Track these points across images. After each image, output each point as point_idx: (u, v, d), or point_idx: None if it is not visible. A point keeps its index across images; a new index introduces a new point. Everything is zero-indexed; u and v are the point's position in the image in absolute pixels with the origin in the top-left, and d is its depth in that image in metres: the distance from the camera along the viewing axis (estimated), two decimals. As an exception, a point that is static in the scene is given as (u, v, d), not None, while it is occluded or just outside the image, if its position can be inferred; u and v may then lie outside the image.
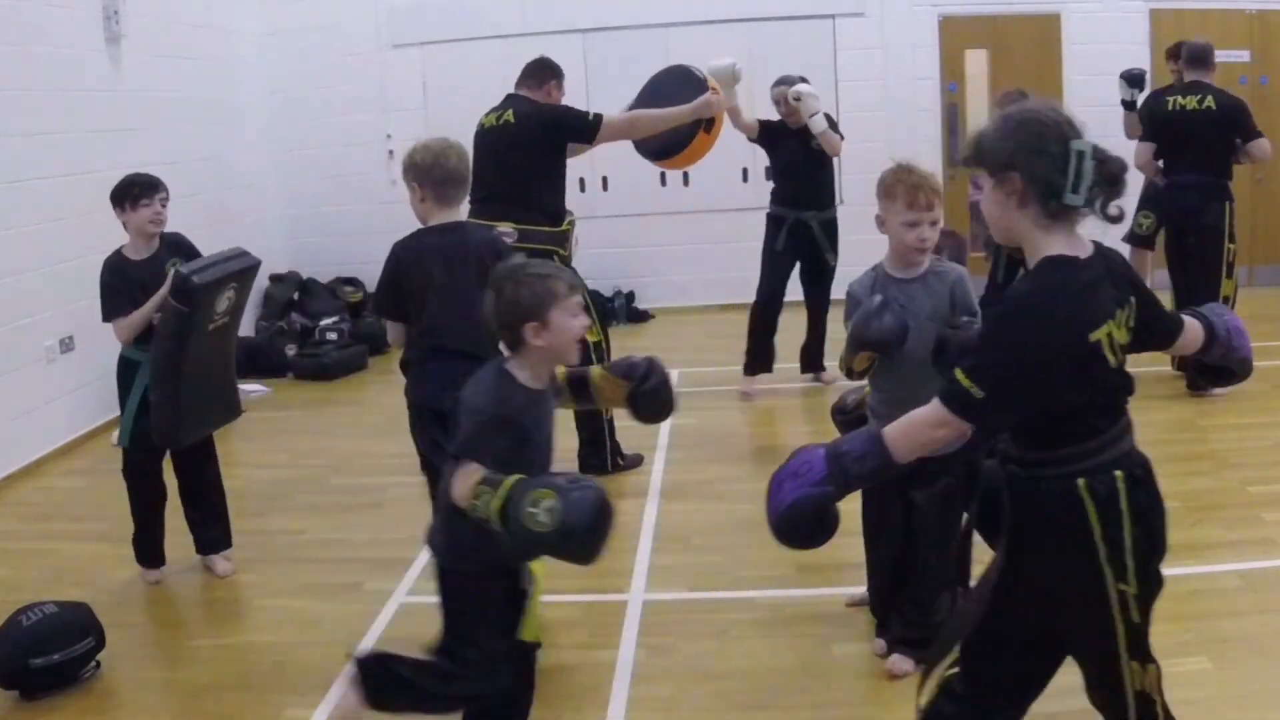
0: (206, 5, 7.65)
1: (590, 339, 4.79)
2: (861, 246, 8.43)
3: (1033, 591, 2.04)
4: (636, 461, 4.99)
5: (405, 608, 3.69)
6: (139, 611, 3.79)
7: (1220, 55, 8.13)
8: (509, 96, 4.85)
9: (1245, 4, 8.11)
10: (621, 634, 3.43)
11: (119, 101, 6.38)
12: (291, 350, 7.27)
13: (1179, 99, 5.82)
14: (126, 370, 3.95)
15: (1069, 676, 3.03)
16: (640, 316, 8.49)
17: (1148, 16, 8.15)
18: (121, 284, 3.86)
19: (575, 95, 8.16)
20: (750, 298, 6.32)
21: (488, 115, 4.85)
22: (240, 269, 3.80)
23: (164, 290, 3.73)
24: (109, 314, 3.89)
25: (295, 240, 8.56)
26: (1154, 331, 2.08)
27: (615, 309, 8.47)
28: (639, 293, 8.59)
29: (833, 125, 5.94)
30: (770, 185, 6.25)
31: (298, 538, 4.41)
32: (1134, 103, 6.55)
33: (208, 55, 7.61)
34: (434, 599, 3.63)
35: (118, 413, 6.14)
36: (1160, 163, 5.99)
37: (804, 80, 5.95)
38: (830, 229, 6.06)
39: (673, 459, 5.13)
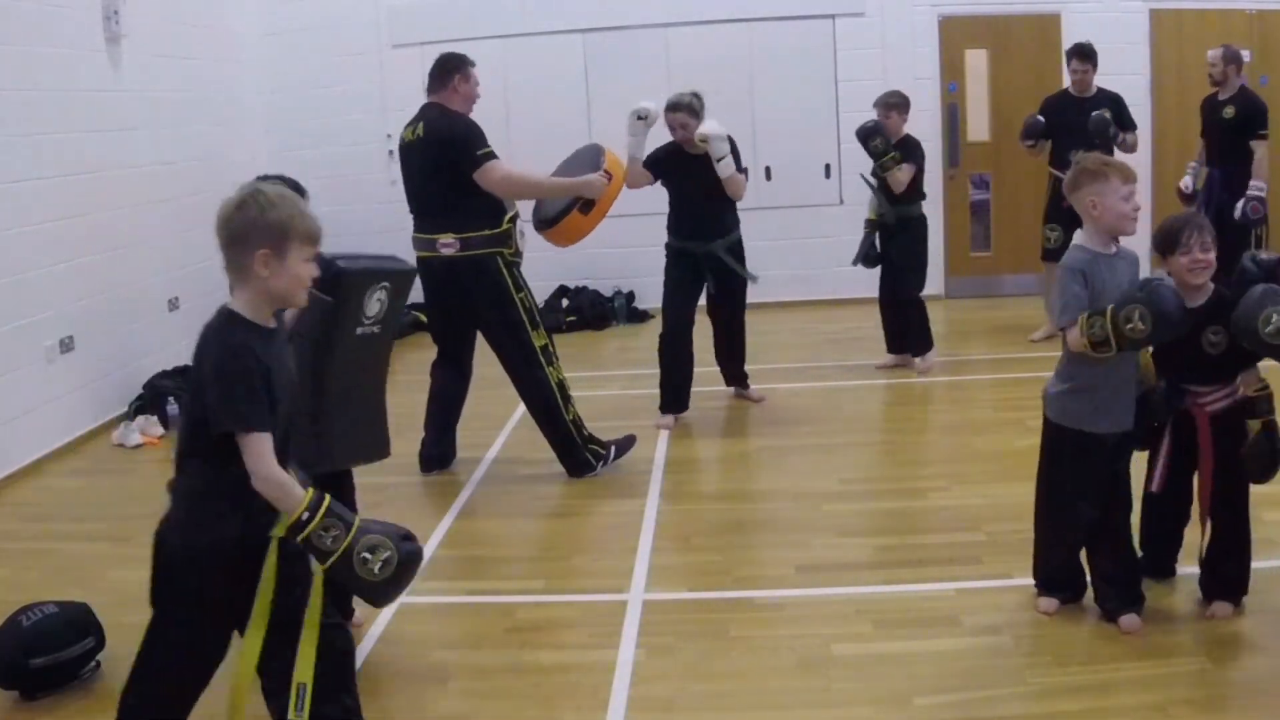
0: (206, 5, 7.65)
1: (537, 342, 4.76)
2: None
3: None
4: (629, 444, 4.98)
5: (405, 608, 3.69)
6: (139, 611, 3.76)
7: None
8: (423, 106, 4.81)
9: (1245, 4, 8.11)
10: (621, 634, 3.42)
11: (119, 101, 6.37)
12: (291, 350, 7.26)
13: None
14: None
15: (1068, 676, 3.04)
16: (640, 316, 8.49)
17: (1148, 16, 8.16)
18: None
19: (575, 95, 8.26)
20: (747, 298, 6.25)
21: (405, 129, 4.82)
22: (394, 269, 3.33)
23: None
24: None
25: (295, 240, 8.56)
26: None
27: (615, 309, 8.47)
28: (639, 293, 8.59)
29: (736, 158, 5.38)
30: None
31: (298, 538, 4.41)
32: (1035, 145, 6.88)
33: (208, 55, 7.61)
34: (434, 599, 3.65)
35: (118, 412, 6.23)
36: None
37: (696, 98, 5.38)
38: (739, 250, 5.61)
39: (672, 459, 5.13)
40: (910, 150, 6.18)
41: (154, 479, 5.37)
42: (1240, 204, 6.38)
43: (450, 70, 4.78)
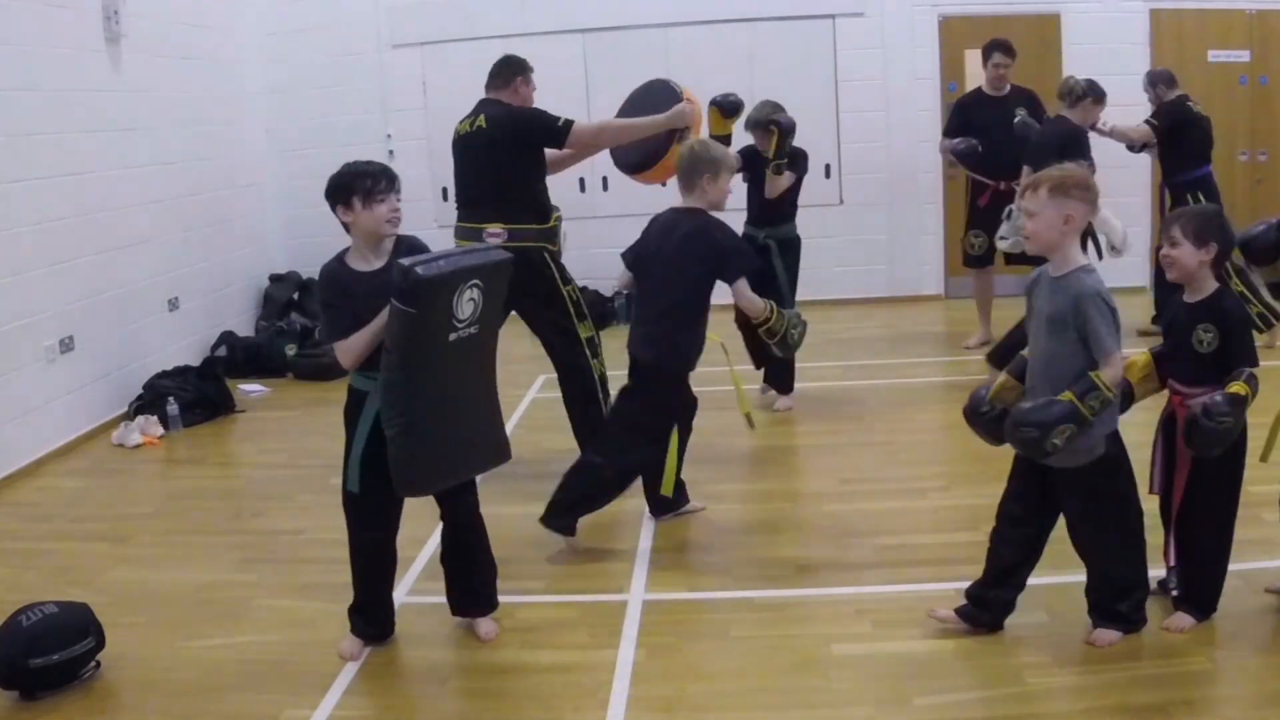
0: (206, 5, 7.65)
1: (584, 333, 4.82)
2: (861, 245, 8.53)
3: None
4: None
5: (405, 608, 3.69)
6: (139, 611, 3.79)
7: (1220, 55, 8.17)
8: (481, 102, 4.84)
9: (1245, 4, 8.10)
10: (621, 634, 3.43)
11: (119, 101, 6.37)
12: (291, 350, 7.27)
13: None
14: (354, 402, 3.26)
15: (1068, 676, 3.04)
16: (640, 316, 8.48)
17: (1148, 16, 8.15)
18: (342, 299, 3.16)
19: (575, 95, 8.23)
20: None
21: (461, 123, 4.85)
22: (481, 264, 3.11)
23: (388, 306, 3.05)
24: (329, 334, 3.22)
25: (295, 240, 8.55)
26: None
27: (616, 309, 8.46)
28: (639, 293, 8.59)
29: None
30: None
31: (298, 538, 4.41)
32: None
33: (208, 55, 7.61)
34: (434, 599, 3.64)
35: (118, 412, 6.24)
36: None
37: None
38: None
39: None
40: (795, 160, 5.70)
41: (154, 479, 5.41)
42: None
43: (515, 70, 4.84)
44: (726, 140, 5.32)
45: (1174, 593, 3.24)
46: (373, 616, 3.44)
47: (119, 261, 6.30)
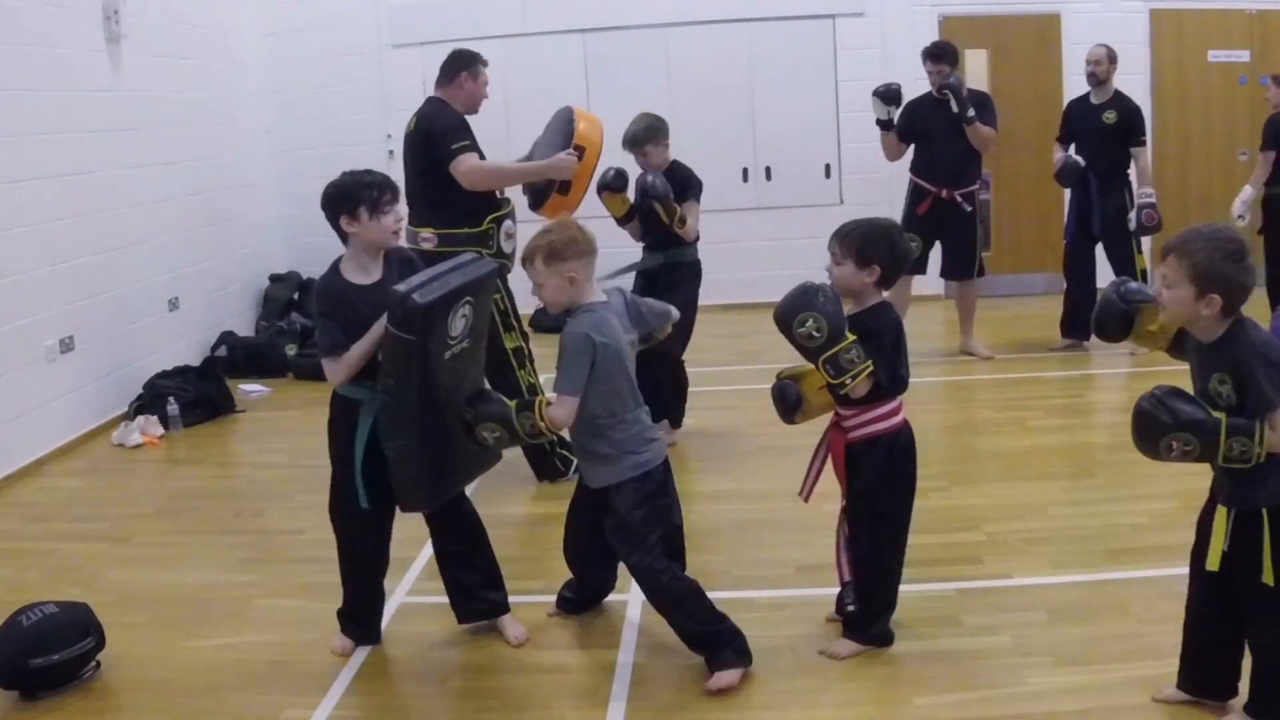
0: (206, 5, 7.65)
1: (509, 344, 4.67)
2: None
3: None
4: None
5: (405, 608, 3.69)
6: (139, 611, 3.79)
7: (1220, 55, 8.17)
8: (425, 100, 4.77)
9: (1245, 4, 8.11)
10: (621, 634, 3.43)
11: (119, 101, 6.38)
12: (291, 350, 7.27)
13: None
14: (344, 413, 3.20)
15: (1068, 676, 3.04)
16: (640, 316, 8.48)
17: (1148, 16, 8.16)
18: (338, 314, 3.11)
19: (575, 95, 8.24)
20: (748, 298, 6.25)
21: (408, 121, 4.77)
22: (474, 279, 3.10)
23: (382, 322, 3.01)
24: (324, 349, 3.15)
25: (295, 240, 8.55)
26: None
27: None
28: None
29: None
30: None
31: (298, 538, 4.41)
32: (890, 121, 6.51)
33: (208, 55, 7.61)
34: (434, 599, 3.64)
35: (118, 412, 6.24)
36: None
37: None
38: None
39: (672, 459, 5.10)
40: (688, 185, 5.14)
41: (154, 479, 5.41)
42: (1134, 213, 6.30)
43: (459, 67, 4.71)
44: (630, 216, 5.15)
45: (850, 608, 3.24)
46: (362, 619, 3.44)
47: (119, 261, 6.31)
